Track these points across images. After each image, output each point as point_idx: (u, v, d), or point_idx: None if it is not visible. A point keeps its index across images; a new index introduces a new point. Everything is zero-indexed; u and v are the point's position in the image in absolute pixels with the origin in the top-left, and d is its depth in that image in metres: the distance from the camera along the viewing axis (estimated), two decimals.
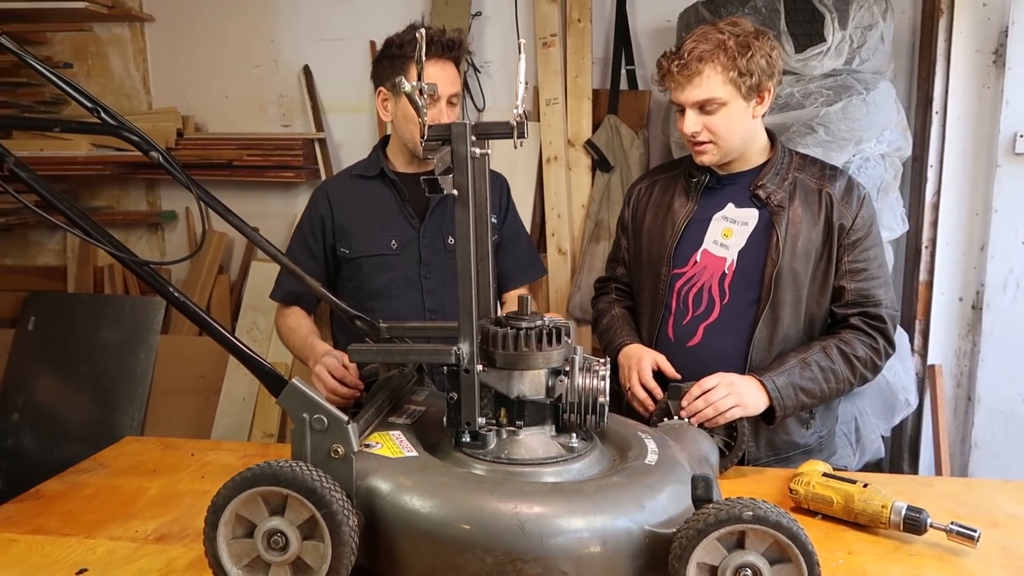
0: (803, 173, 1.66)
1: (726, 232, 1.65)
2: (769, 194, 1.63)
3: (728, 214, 1.66)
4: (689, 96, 1.56)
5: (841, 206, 1.62)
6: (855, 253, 1.62)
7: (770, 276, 1.60)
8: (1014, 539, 1.29)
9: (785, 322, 1.62)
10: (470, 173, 1.13)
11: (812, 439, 1.72)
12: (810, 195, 1.64)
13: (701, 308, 1.66)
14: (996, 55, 2.66)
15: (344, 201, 1.92)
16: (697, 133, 1.58)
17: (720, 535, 0.96)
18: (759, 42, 1.55)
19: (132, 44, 3.34)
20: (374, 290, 1.88)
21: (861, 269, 1.63)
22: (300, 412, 1.08)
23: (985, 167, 2.69)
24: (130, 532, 1.34)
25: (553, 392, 1.15)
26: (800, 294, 1.62)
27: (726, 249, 1.64)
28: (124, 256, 1.13)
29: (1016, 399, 2.68)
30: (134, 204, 3.47)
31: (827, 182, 1.65)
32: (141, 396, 3.14)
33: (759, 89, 1.57)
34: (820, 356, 1.59)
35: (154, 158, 1.35)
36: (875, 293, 1.63)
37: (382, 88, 1.86)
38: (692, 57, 1.54)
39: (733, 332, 1.64)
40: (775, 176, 1.65)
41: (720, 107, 1.56)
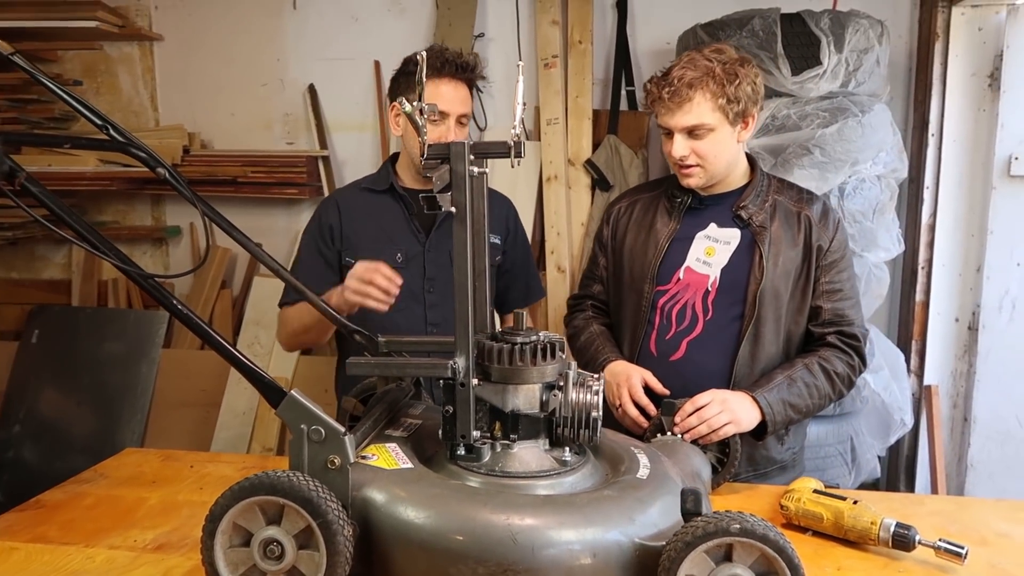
0: (782, 196, 1.72)
1: (709, 250, 1.69)
2: (751, 215, 1.68)
3: (711, 233, 1.70)
4: (679, 121, 1.60)
5: (819, 228, 1.67)
6: (831, 274, 1.67)
7: (754, 294, 1.64)
8: (1003, 557, 1.30)
9: (767, 339, 1.66)
10: (468, 191, 1.16)
11: (787, 455, 1.76)
12: (789, 217, 1.69)
13: (684, 323, 1.69)
14: (991, 79, 2.70)
15: (353, 212, 1.95)
16: (685, 157, 1.62)
17: (708, 548, 0.98)
18: (744, 69, 1.59)
19: (141, 62, 3.40)
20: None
21: (837, 289, 1.68)
22: (298, 423, 1.10)
23: (981, 189, 2.72)
24: (129, 541, 1.35)
25: (547, 406, 1.17)
26: (780, 312, 1.66)
27: (709, 267, 1.68)
28: (129, 269, 1.16)
29: (1012, 420, 2.69)
30: (139, 219, 3.51)
31: (805, 205, 1.70)
32: (142, 409, 3.16)
33: (744, 115, 1.62)
34: (804, 372, 1.63)
35: (160, 174, 1.38)
36: (849, 313, 1.68)
37: (395, 103, 1.90)
38: (682, 83, 1.57)
39: (716, 347, 1.67)
40: (756, 198, 1.69)
41: (708, 132, 1.60)
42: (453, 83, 1.83)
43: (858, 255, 2.47)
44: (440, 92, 1.80)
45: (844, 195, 2.42)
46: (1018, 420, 2.68)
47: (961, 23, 2.71)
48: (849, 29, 2.41)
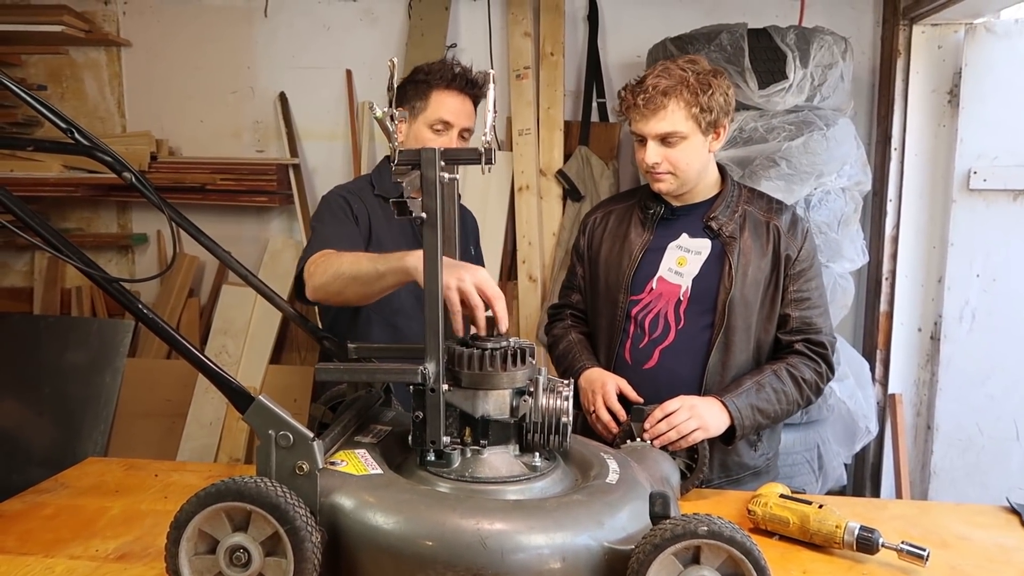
0: (752, 206, 1.74)
1: (680, 260, 1.71)
2: (721, 225, 1.70)
3: (682, 244, 1.73)
4: (653, 128, 1.62)
5: (788, 238, 1.70)
6: (800, 283, 1.70)
7: (723, 303, 1.66)
8: (964, 560, 1.33)
9: (737, 347, 1.68)
10: (439, 197, 1.16)
11: (760, 461, 1.77)
12: (759, 227, 1.71)
13: (657, 332, 1.71)
14: (951, 95, 2.78)
15: (377, 213, 1.88)
16: (658, 164, 1.64)
17: (676, 550, 0.99)
18: (717, 80, 1.63)
19: (108, 68, 3.35)
20: (392, 309, 1.85)
21: (805, 298, 1.70)
22: (266, 429, 1.09)
23: (942, 202, 2.79)
24: (90, 551, 1.33)
25: (517, 412, 1.18)
26: (750, 320, 1.69)
27: (680, 276, 1.71)
28: (94, 273, 1.14)
29: (973, 428, 2.75)
30: (104, 226, 3.46)
31: (774, 215, 1.73)
32: (106, 419, 3.10)
33: (716, 125, 1.65)
34: (772, 379, 1.65)
35: (127, 179, 1.36)
36: (816, 321, 1.71)
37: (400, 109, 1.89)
38: (657, 91, 1.60)
39: (688, 355, 1.69)
40: (726, 208, 1.72)
41: (681, 140, 1.63)
42: (461, 97, 1.84)
43: (824, 266, 2.51)
44: (447, 103, 1.81)
45: (810, 207, 2.47)
46: (979, 428, 2.73)
47: (922, 41, 2.78)
48: (814, 45, 2.46)
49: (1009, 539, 1.41)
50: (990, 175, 2.65)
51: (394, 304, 1.86)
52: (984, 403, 2.72)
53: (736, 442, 1.61)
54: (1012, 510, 1.52)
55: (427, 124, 1.80)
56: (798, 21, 2.84)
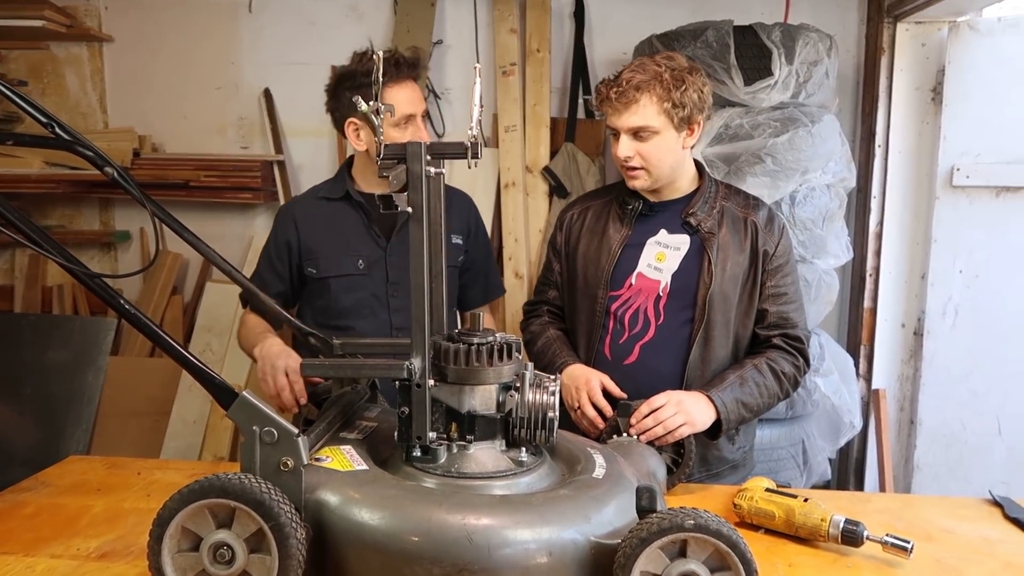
0: (729, 202, 1.76)
1: (659, 256, 1.72)
2: (700, 221, 1.71)
3: (661, 239, 1.73)
4: (624, 122, 1.63)
5: (765, 234, 1.72)
6: (777, 278, 1.72)
7: (704, 298, 1.67)
8: (947, 552, 1.34)
9: (717, 342, 1.69)
10: (425, 191, 1.15)
11: (738, 455, 1.79)
12: (736, 223, 1.73)
13: (637, 328, 1.71)
14: (934, 92, 2.80)
15: (311, 223, 1.93)
16: (630, 158, 1.65)
17: (663, 544, 0.99)
18: (692, 77, 1.63)
19: (90, 63, 3.32)
20: (342, 309, 1.90)
21: (782, 293, 1.72)
22: (250, 424, 1.08)
23: (925, 199, 2.81)
24: (72, 550, 1.31)
25: (503, 407, 1.17)
26: (729, 315, 1.70)
27: (660, 272, 1.71)
28: (76, 269, 1.13)
29: (956, 423, 2.78)
30: (86, 223, 3.42)
31: (751, 211, 1.75)
32: (88, 419, 3.06)
33: (690, 121, 1.65)
34: (754, 372, 1.66)
35: (109, 174, 1.34)
36: (792, 316, 1.73)
37: (353, 120, 1.86)
38: (630, 85, 1.61)
39: (668, 351, 1.70)
40: (704, 204, 1.73)
41: (653, 135, 1.63)
42: (408, 84, 1.84)
43: (809, 262, 2.53)
44: (399, 96, 1.79)
45: (795, 203, 2.48)
46: (961, 423, 2.76)
47: (906, 39, 2.80)
48: (799, 42, 2.47)
49: (992, 531, 1.42)
50: (973, 172, 2.67)
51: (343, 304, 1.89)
52: (967, 398, 2.74)
53: (721, 436, 1.61)
54: (995, 503, 1.53)
55: (391, 124, 1.79)
56: (783, 18, 2.85)
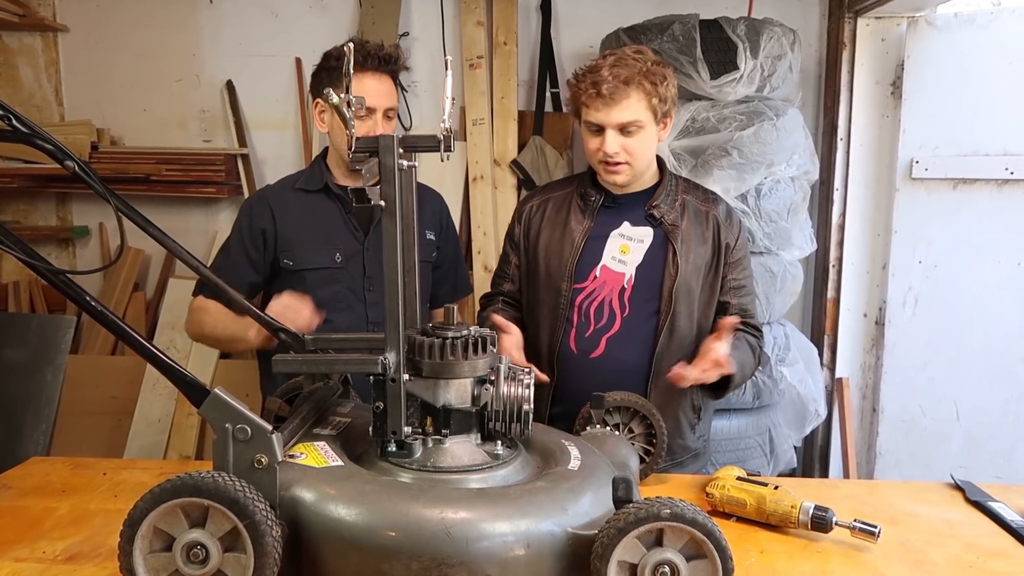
0: (689, 196, 1.78)
1: (623, 248, 1.73)
2: (663, 214, 1.73)
3: (624, 232, 1.74)
4: (615, 118, 1.63)
5: (725, 227, 1.76)
6: (736, 271, 1.77)
7: (669, 290, 1.70)
8: (912, 535, 1.37)
9: (681, 333, 1.72)
10: (397, 184, 1.15)
11: (699, 443, 1.84)
12: (698, 215, 1.76)
13: (603, 321, 1.72)
14: (894, 87, 2.85)
15: (287, 213, 1.89)
16: (617, 154, 1.66)
17: (639, 533, 0.99)
18: (666, 71, 1.66)
19: (44, 54, 3.23)
20: (317, 302, 1.84)
21: (741, 286, 1.77)
22: (223, 422, 1.06)
23: (886, 191, 2.87)
24: (37, 553, 1.28)
25: (479, 401, 1.17)
26: (693, 306, 1.73)
27: (624, 265, 1.72)
28: (38, 264, 1.10)
29: (916, 410, 2.85)
30: (43, 219, 3.33)
31: (712, 205, 1.78)
32: (47, 419, 2.99)
33: (666, 116, 1.69)
34: (741, 344, 1.70)
35: (70, 168, 1.31)
36: (750, 308, 1.79)
37: (318, 100, 1.86)
38: (619, 80, 1.61)
39: (634, 342, 1.72)
40: (667, 197, 1.75)
41: (639, 130, 1.65)
42: (377, 76, 1.81)
43: (774, 253, 2.57)
44: (365, 87, 1.76)
45: (760, 195, 2.52)
46: (921, 409, 2.83)
47: (866, 34, 2.85)
48: (764, 36, 2.50)
49: (955, 514, 1.46)
50: (931, 164, 2.74)
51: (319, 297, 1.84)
52: (926, 385, 2.81)
53: (727, 393, 1.66)
54: (956, 487, 1.57)
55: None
56: (747, 12, 2.88)
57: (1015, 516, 1.43)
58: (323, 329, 1.73)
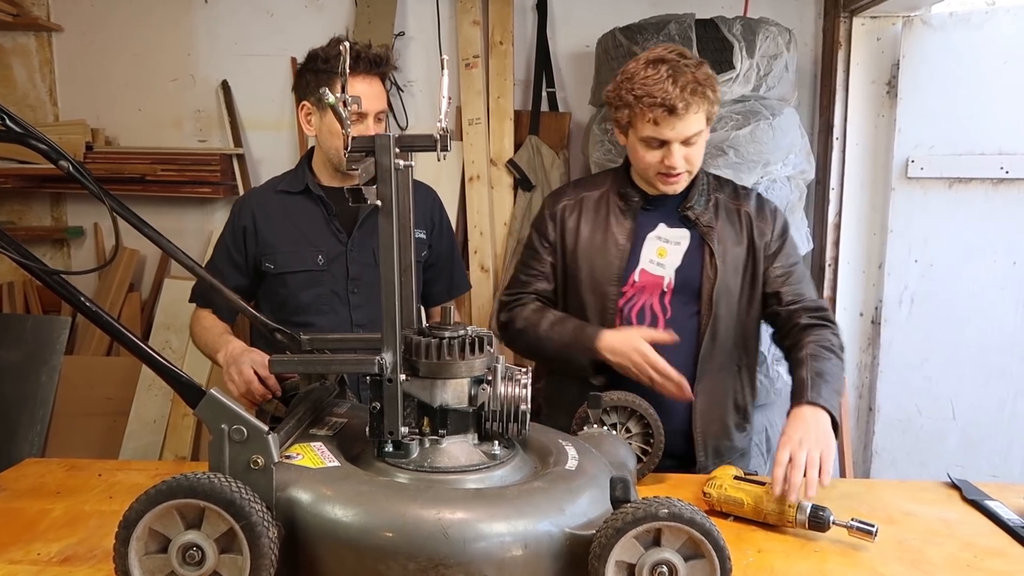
0: (721, 194, 1.76)
1: (660, 251, 1.71)
2: (698, 215, 1.71)
3: (661, 234, 1.72)
4: (682, 132, 1.59)
5: (758, 222, 1.73)
6: (779, 259, 1.72)
7: (709, 293, 1.67)
8: (909, 534, 1.37)
9: (723, 334, 1.69)
10: (394, 184, 1.14)
11: (745, 442, 1.81)
12: (731, 214, 1.73)
13: (645, 323, 1.69)
14: (889, 86, 2.85)
15: (269, 215, 1.88)
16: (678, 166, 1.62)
17: (637, 533, 0.99)
18: (711, 72, 1.63)
19: (38, 54, 3.22)
20: (300, 305, 1.85)
21: (788, 273, 1.72)
22: (218, 423, 1.06)
23: (882, 190, 2.87)
24: (31, 555, 1.27)
25: (476, 401, 1.17)
26: (733, 307, 1.70)
27: (662, 268, 1.70)
28: (32, 265, 1.10)
29: (912, 409, 2.85)
30: (37, 219, 3.32)
31: (742, 201, 1.75)
32: (42, 420, 2.98)
33: (713, 118, 1.66)
34: (818, 362, 1.58)
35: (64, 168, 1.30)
36: (805, 291, 1.72)
37: (306, 102, 1.84)
38: (686, 93, 1.56)
39: (678, 345, 1.67)
40: (700, 197, 1.72)
41: (699, 139, 1.63)
42: (368, 80, 1.79)
43: None
44: (356, 91, 1.73)
45: None
46: (917, 409, 2.83)
47: (861, 33, 2.85)
48: (760, 35, 2.50)
49: (951, 513, 1.46)
50: (927, 164, 2.74)
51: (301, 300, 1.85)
52: (922, 384, 2.81)
53: (840, 431, 1.53)
54: (953, 486, 1.58)
55: None
56: (743, 12, 2.88)
57: (1012, 515, 1.43)
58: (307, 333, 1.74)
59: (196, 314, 1.91)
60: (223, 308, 1.87)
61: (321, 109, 1.79)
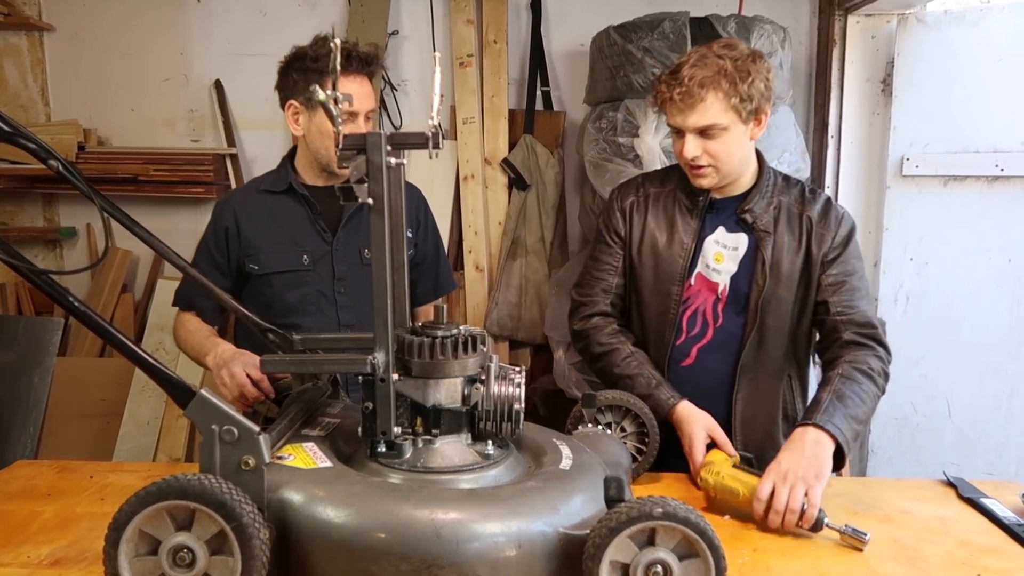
0: (786, 196, 1.67)
1: (717, 257, 1.66)
2: (756, 219, 1.64)
3: (719, 238, 1.67)
4: (691, 122, 1.55)
5: (820, 228, 1.64)
6: (835, 267, 1.63)
7: (756, 301, 1.62)
8: (905, 532, 1.37)
9: (770, 343, 1.65)
10: (385, 182, 1.13)
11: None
12: (792, 220, 1.65)
13: (696, 330, 1.66)
14: (884, 84, 2.85)
15: (252, 216, 1.85)
16: (697, 158, 1.58)
17: (631, 532, 0.98)
18: (756, 65, 1.55)
19: (30, 54, 3.20)
20: (286, 306, 1.83)
21: (841, 282, 1.63)
22: (209, 423, 1.05)
23: (877, 188, 2.87)
24: (21, 558, 1.26)
25: (469, 400, 1.16)
26: (784, 318, 1.64)
27: (718, 274, 1.65)
28: (21, 265, 1.08)
29: (908, 408, 2.85)
30: (29, 220, 3.30)
31: (807, 205, 1.66)
32: (35, 422, 2.97)
33: (758, 112, 1.58)
34: (846, 384, 1.53)
35: (54, 167, 1.29)
36: (858, 304, 1.62)
37: (292, 102, 1.81)
38: (694, 83, 1.52)
39: (723, 354, 1.65)
40: (761, 200, 1.66)
41: (722, 132, 1.56)
42: (358, 79, 1.76)
43: None
44: (346, 90, 1.68)
45: None
46: (913, 407, 2.83)
47: (856, 31, 2.85)
48: (754, 33, 2.49)
49: (947, 511, 1.46)
50: (922, 162, 2.74)
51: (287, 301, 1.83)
52: (918, 382, 2.81)
53: (845, 462, 1.47)
54: (949, 483, 1.57)
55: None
56: (738, 10, 2.88)
57: (1007, 512, 1.42)
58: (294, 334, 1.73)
59: (180, 317, 1.89)
60: (208, 311, 1.85)
61: (310, 108, 1.77)
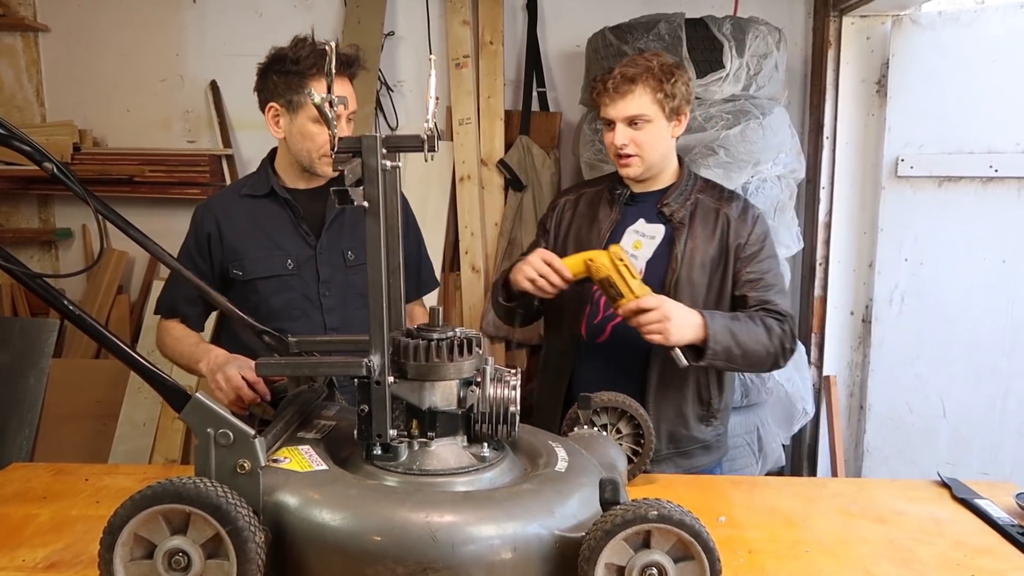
0: (704, 195, 1.85)
1: (636, 244, 1.81)
2: (672, 212, 1.81)
3: (639, 228, 1.82)
4: (621, 111, 1.74)
5: (737, 224, 1.80)
6: (751, 264, 1.79)
7: (669, 282, 1.77)
8: (899, 533, 1.37)
9: None
10: (381, 185, 1.13)
11: (711, 436, 1.85)
12: (708, 214, 1.82)
13: (611, 309, 1.75)
14: (879, 85, 2.86)
15: (234, 221, 1.82)
16: (625, 145, 1.76)
17: (627, 535, 0.99)
18: (679, 71, 1.77)
19: (25, 54, 3.20)
20: (271, 312, 1.80)
21: (758, 279, 1.79)
22: (204, 427, 1.05)
23: (872, 189, 2.88)
24: (16, 562, 1.26)
25: (464, 403, 1.16)
26: (696, 302, 1.76)
27: (636, 260, 1.79)
28: (15, 268, 1.08)
29: (903, 407, 2.85)
30: (25, 221, 3.30)
31: (724, 204, 1.84)
32: (31, 423, 2.96)
33: (678, 112, 1.77)
34: (746, 317, 1.71)
35: (48, 169, 1.29)
36: (774, 299, 1.78)
37: (273, 104, 1.79)
38: (625, 77, 1.73)
39: (637, 333, 1.70)
40: (679, 196, 1.83)
41: (646, 123, 1.75)
42: (340, 80, 1.75)
43: None
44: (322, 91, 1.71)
45: (747, 194, 2.51)
46: (908, 407, 2.83)
47: (851, 32, 2.86)
48: (749, 35, 2.50)
49: (942, 511, 1.46)
50: (916, 162, 2.74)
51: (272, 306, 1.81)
52: (913, 383, 2.82)
53: (705, 359, 1.64)
54: (943, 484, 1.58)
55: (311, 118, 1.72)
56: (733, 11, 2.89)
57: (1001, 513, 1.43)
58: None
59: (163, 325, 1.86)
60: (192, 317, 1.84)
61: (291, 111, 1.76)
